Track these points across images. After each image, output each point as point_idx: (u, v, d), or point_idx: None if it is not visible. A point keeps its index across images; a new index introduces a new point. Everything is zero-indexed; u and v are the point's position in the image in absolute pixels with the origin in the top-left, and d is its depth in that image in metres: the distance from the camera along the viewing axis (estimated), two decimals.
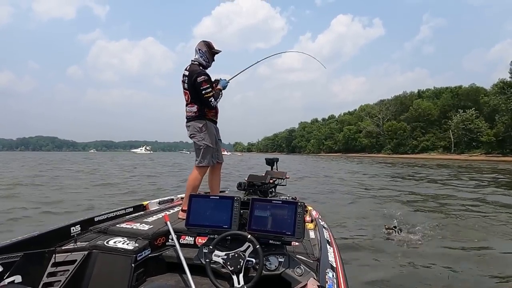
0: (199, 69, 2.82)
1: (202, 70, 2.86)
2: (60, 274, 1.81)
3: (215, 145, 2.95)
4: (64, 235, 1.98)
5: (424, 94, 69.67)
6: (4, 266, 1.59)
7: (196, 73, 2.77)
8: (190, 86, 2.81)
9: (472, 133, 50.69)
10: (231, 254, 1.71)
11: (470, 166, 24.93)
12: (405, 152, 61.81)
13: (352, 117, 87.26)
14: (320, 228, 2.52)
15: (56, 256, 1.84)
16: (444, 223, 5.24)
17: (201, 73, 2.78)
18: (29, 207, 6.49)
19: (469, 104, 54.10)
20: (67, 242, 1.95)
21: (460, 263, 3.49)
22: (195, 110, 2.86)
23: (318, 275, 1.63)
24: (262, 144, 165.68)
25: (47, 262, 1.81)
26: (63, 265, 1.83)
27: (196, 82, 2.75)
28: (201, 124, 2.85)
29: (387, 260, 3.65)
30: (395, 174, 16.86)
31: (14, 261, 1.65)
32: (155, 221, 2.45)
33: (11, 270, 1.62)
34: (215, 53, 3.00)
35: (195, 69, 2.82)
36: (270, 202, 1.89)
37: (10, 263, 1.62)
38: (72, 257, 1.86)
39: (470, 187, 10.93)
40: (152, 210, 2.91)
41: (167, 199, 3.35)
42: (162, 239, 2.20)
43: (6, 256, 1.62)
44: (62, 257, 1.85)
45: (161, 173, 17.57)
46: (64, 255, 1.86)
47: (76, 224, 2.09)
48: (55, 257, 1.84)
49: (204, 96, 2.76)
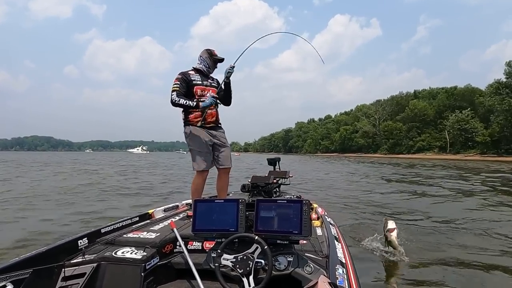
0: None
1: (187, 71, 2.97)
2: None
3: (206, 149, 2.92)
4: (72, 249, 1.98)
5: (420, 94, 70.14)
6: (14, 283, 1.58)
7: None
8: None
9: (468, 133, 51.02)
10: (239, 257, 1.72)
11: (467, 167, 25.06)
12: (401, 152, 62.16)
13: (349, 117, 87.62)
14: (327, 224, 2.54)
15: (65, 271, 1.84)
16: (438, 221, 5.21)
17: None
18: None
19: (464, 105, 54.49)
20: (75, 256, 1.96)
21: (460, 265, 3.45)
22: (182, 116, 2.97)
23: (328, 272, 1.63)
24: (258, 144, 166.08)
25: (56, 277, 1.81)
26: (72, 278, 1.83)
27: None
28: (185, 130, 2.94)
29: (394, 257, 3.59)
30: (392, 175, 16.89)
31: (24, 278, 1.64)
32: (162, 229, 2.46)
33: (21, 287, 1.61)
34: (216, 60, 3.02)
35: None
36: (275, 202, 1.90)
37: (19, 280, 1.62)
38: (81, 270, 1.86)
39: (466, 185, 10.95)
40: (158, 218, 2.93)
41: (172, 206, 3.36)
42: (169, 246, 2.21)
43: (15, 273, 1.61)
44: (71, 271, 1.85)
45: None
46: (73, 268, 1.86)
47: (83, 237, 2.09)
48: (64, 271, 1.83)
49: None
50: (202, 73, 2.99)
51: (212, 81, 3.07)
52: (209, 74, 3.06)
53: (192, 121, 2.90)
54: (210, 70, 3.04)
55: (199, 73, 2.98)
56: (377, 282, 3.04)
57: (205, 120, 2.90)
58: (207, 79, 3.03)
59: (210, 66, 3.01)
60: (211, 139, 2.95)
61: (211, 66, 3.02)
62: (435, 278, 3.06)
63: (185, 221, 2.74)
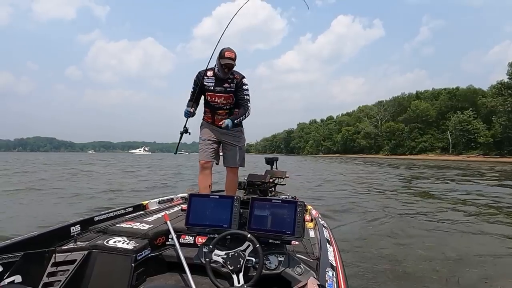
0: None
1: (205, 72, 2.91)
2: (60, 274, 1.81)
3: (208, 141, 3.01)
4: (64, 235, 1.97)
5: (422, 95, 69.92)
6: (4, 266, 1.59)
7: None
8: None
9: (470, 134, 50.91)
10: (231, 254, 1.71)
11: (469, 168, 24.96)
12: (403, 153, 62.01)
13: (351, 118, 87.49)
14: (320, 227, 2.51)
15: (56, 256, 1.84)
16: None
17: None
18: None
19: (466, 105, 54.36)
20: (67, 242, 1.94)
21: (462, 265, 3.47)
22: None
23: (318, 274, 1.62)
24: (260, 145, 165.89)
25: (47, 262, 1.81)
26: (63, 265, 1.83)
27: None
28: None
29: (386, 257, 3.62)
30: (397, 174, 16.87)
31: (14, 261, 1.64)
32: (155, 221, 2.45)
33: (11, 270, 1.61)
34: (221, 64, 2.76)
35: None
36: (270, 202, 1.89)
37: (10, 263, 1.62)
38: (72, 257, 1.85)
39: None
40: (152, 210, 2.90)
41: (167, 198, 3.34)
42: (162, 239, 2.20)
43: (5, 256, 1.61)
44: (62, 257, 1.85)
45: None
46: (64, 255, 1.85)
47: (76, 224, 2.08)
48: (55, 257, 1.83)
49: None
50: (217, 75, 2.86)
51: (228, 85, 2.88)
52: (225, 77, 2.85)
53: (204, 119, 3.10)
54: (219, 74, 2.83)
55: (215, 76, 2.87)
56: (366, 287, 2.98)
57: (214, 123, 3.04)
58: (222, 83, 2.87)
59: (219, 69, 2.80)
60: (218, 135, 3.02)
61: (220, 69, 2.79)
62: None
63: (179, 214, 2.71)
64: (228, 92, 2.90)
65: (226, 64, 2.73)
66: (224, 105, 2.97)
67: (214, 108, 3.00)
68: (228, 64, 2.74)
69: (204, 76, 2.89)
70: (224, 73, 2.80)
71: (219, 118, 2.98)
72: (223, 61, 2.73)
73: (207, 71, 2.90)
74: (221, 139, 3.05)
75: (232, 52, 2.76)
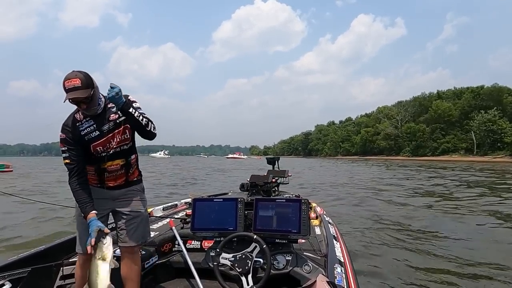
0: None
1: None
2: (68, 287, 1.82)
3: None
4: (70, 247, 1.90)
5: (444, 94, 67.77)
6: (13, 282, 1.57)
7: None
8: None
9: (496, 134, 48.96)
10: (238, 256, 1.72)
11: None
12: (425, 154, 60.19)
13: (370, 119, 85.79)
14: (326, 224, 2.52)
15: (64, 269, 1.83)
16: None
17: None
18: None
19: (491, 104, 52.28)
20: (73, 254, 1.90)
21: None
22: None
23: (327, 271, 1.63)
24: (278, 147, 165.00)
25: (55, 275, 1.80)
26: (71, 277, 1.81)
27: None
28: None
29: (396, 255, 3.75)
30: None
31: (22, 277, 1.62)
32: (160, 228, 2.46)
33: (19, 286, 1.59)
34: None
35: None
36: (274, 201, 1.92)
37: (18, 279, 1.60)
38: None
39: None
40: (157, 217, 2.86)
41: (171, 205, 3.31)
42: (168, 245, 2.21)
43: (14, 272, 1.60)
44: (70, 270, 1.83)
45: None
46: (71, 267, 1.83)
47: None
48: (62, 270, 1.82)
49: None
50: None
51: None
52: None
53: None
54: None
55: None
56: (376, 281, 3.03)
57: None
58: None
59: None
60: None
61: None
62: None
63: (185, 219, 2.66)
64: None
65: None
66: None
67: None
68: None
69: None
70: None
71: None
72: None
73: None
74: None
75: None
